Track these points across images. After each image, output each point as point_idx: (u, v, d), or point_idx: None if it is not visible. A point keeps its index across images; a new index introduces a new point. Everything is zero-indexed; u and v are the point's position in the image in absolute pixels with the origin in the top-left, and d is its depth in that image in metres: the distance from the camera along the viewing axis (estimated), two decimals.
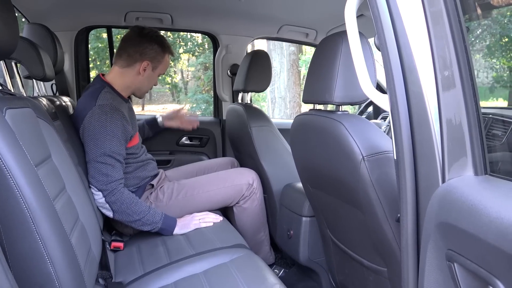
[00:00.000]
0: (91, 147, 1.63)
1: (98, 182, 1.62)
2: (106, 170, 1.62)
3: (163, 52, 1.85)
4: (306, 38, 2.75)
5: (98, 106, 1.65)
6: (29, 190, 0.94)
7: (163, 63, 1.88)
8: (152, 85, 1.93)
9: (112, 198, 1.62)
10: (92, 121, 1.63)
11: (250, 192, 1.97)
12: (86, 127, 1.64)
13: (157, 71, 1.88)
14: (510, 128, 1.65)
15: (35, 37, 1.92)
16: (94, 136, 1.62)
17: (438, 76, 0.76)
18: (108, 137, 1.62)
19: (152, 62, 1.83)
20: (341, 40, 1.22)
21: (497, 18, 2.11)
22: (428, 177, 0.78)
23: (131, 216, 1.64)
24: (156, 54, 1.83)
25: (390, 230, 1.15)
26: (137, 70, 1.81)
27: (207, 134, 2.82)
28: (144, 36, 1.81)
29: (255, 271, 1.36)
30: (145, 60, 1.81)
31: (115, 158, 1.64)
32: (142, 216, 1.64)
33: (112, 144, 1.63)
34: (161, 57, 1.86)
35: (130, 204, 1.64)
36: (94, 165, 1.62)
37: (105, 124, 1.63)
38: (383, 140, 1.18)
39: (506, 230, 0.57)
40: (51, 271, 0.97)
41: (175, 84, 11.31)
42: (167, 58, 1.89)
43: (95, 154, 1.62)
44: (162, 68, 1.89)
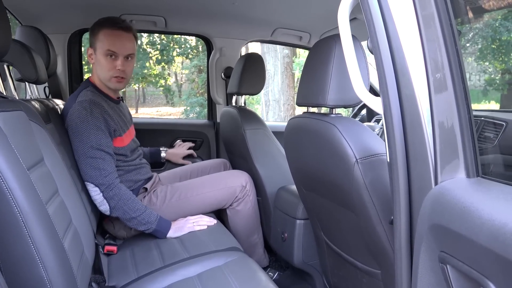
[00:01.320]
0: (77, 143, 1.62)
1: (92, 178, 1.61)
2: (97, 164, 1.61)
3: (97, 29, 1.74)
4: (300, 41, 2.76)
5: (77, 102, 1.66)
6: (21, 194, 0.93)
7: (99, 39, 1.73)
8: (106, 68, 1.75)
9: (110, 193, 1.62)
10: (73, 117, 1.63)
11: (244, 194, 1.96)
12: (69, 125, 1.64)
13: (99, 51, 1.74)
14: (501, 130, 1.66)
15: (27, 39, 1.91)
16: (77, 131, 1.62)
17: (430, 79, 0.76)
18: (92, 131, 1.62)
19: (92, 45, 1.77)
20: (335, 43, 1.22)
21: (488, 22, 2.13)
22: (421, 180, 0.79)
23: (128, 214, 1.63)
24: (92, 35, 1.76)
25: (384, 232, 1.15)
26: (90, 61, 1.80)
27: (201, 137, 2.82)
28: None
29: (249, 274, 1.36)
30: (88, 48, 1.79)
31: (104, 151, 1.64)
32: (138, 214, 1.64)
33: (98, 137, 1.63)
34: (95, 35, 1.74)
35: (128, 201, 1.63)
36: (84, 161, 1.62)
37: (86, 118, 1.62)
38: (377, 143, 1.19)
39: (498, 231, 0.58)
40: (44, 275, 0.96)
41: (169, 87, 11.30)
42: (104, 32, 1.73)
43: (82, 149, 1.61)
44: (101, 45, 1.73)
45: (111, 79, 1.77)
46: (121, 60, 1.75)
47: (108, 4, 2.26)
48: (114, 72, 1.75)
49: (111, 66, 1.74)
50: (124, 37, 1.75)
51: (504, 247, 0.56)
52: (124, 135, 1.81)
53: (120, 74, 1.77)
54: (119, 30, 1.74)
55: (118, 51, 1.74)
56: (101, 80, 1.80)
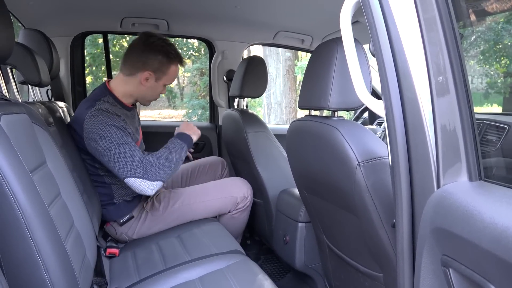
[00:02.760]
0: (103, 145, 1.59)
1: (130, 171, 1.58)
2: (128, 156, 1.58)
3: (168, 62, 1.77)
4: (302, 44, 2.76)
5: (95, 109, 1.64)
6: (24, 196, 0.93)
7: (168, 74, 1.79)
8: (157, 94, 1.85)
9: (152, 174, 1.59)
10: (92, 122, 1.61)
11: (244, 204, 1.99)
12: (88, 130, 1.61)
13: (162, 81, 1.80)
14: (504, 133, 1.66)
15: (30, 42, 1.92)
16: (100, 135, 1.59)
17: (432, 82, 0.76)
18: (113, 130, 1.60)
19: (155, 73, 1.76)
20: (337, 46, 1.22)
21: (490, 25, 2.13)
22: (423, 183, 0.79)
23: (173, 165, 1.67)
24: (160, 65, 1.75)
25: (386, 235, 1.15)
26: (139, 80, 1.76)
27: (202, 139, 2.83)
28: (149, 45, 1.74)
29: (251, 277, 1.36)
30: (147, 71, 1.74)
31: (129, 144, 1.61)
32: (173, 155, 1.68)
33: (120, 134, 1.61)
34: (165, 68, 1.77)
35: (163, 162, 1.64)
36: (116, 160, 1.58)
37: (106, 122, 1.61)
38: (379, 146, 1.19)
39: (500, 235, 0.58)
40: (46, 278, 0.96)
41: (171, 89, 11.31)
42: (173, 68, 1.80)
43: (110, 150, 1.59)
44: (167, 78, 1.81)
45: (150, 100, 1.88)
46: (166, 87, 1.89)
47: (110, 7, 2.27)
48: (158, 96, 1.88)
49: (160, 92, 1.86)
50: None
51: (507, 250, 0.56)
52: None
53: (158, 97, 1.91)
54: (180, 66, 1.86)
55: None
56: (138, 98, 1.83)
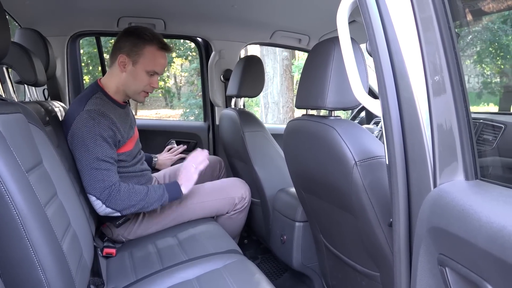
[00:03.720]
0: (83, 153, 1.59)
1: (95, 190, 1.58)
2: (102, 176, 1.59)
3: (142, 43, 1.69)
4: (299, 44, 2.76)
5: (85, 111, 1.61)
6: (20, 196, 0.93)
7: (144, 55, 1.69)
8: (142, 84, 1.74)
9: (112, 202, 1.60)
10: (80, 126, 1.59)
11: (242, 205, 1.98)
12: (74, 133, 1.60)
13: (140, 65, 1.70)
14: (500, 133, 1.67)
15: (27, 42, 1.91)
16: (83, 141, 1.58)
17: (429, 81, 0.77)
18: (98, 142, 1.59)
19: (130, 56, 1.69)
20: (334, 46, 1.22)
21: (487, 25, 2.13)
22: (420, 182, 0.79)
23: (136, 206, 1.63)
24: (132, 45, 1.69)
25: (383, 234, 1.15)
26: (117, 67, 1.72)
27: (194, 138, 2.88)
28: (123, 32, 1.73)
29: (249, 277, 1.36)
30: (121, 54, 1.70)
31: (109, 162, 1.61)
32: (144, 197, 1.64)
33: (104, 148, 1.60)
34: (138, 49, 1.69)
35: (129, 197, 1.61)
36: (89, 172, 1.58)
37: (93, 129, 1.58)
38: (375, 145, 1.19)
39: (496, 234, 0.58)
40: (42, 278, 0.96)
41: (168, 89, 11.30)
42: (149, 49, 1.70)
43: (88, 160, 1.58)
44: (145, 62, 1.70)
45: (140, 93, 1.77)
46: (157, 78, 1.78)
47: (107, 7, 2.26)
48: (147, 88, 1.76)
49: (147, 82, 1.75)
50: (166, 59, 1.77)
51: (503, 249, 0.56)
52: (128, 141, 1.77)
53: (151, 91, 1.79)
54: (164, 51, 1.75)
55: (160, 72, 1.75)
56: (126, 91, 1.77)
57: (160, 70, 1.75)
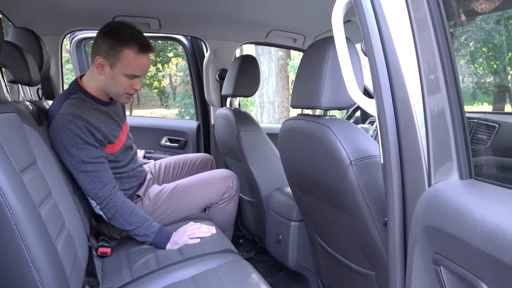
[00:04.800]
0: (67, 158, 1.54)
1: (89, 191, 1.58)
2: (91, 178, 1.56)
3: (119, 45, 1.57)
4: (294, 43, 2.77)
5: (60, 115, 1.54)
6: (14, 196, 0.92)
7: (121, 59, 1.58)
8: (122, 86, 1.64)
9: (106, 206, 1.59)
10: (57, 131, 1.53)
11: (230, 194, 1.98)
12: (53, 138, 1.54)
13: (118, 69, 1.60)
14: (494, 132, 1.67)
15: (20, 41, 1.89)
16: (64, 147, 1.53)
17: (424, 81, 0.77)
18: (79, 145, 1.53)
19: (107, 58, 1.59)
20: (329, 45, 1.23)
21: (481, 25, 2.15)
22: (415, 181, 0.79)
23: (124, 226, 1.61)
24: (108, 48, 1.58)
25: (378, 234, 1.16)
26: (96, 69, 1.63)
27: (184, 137, 2.92)
28: (101, 30, 1.63)
29: (244, 276, 1.35)
30: (98, 56, 1.60)
31: (96, 163, 1.57)
32: (134, 227, 1.60)
33: (87, 151, 1.55)
34: (115, 52, 1.58)
35: (123, 214, 1.59)
36: (78, 175, 1.56)
37: (72, 134, 1.52)
38: (370, 145, 1.19)
39: (490, 233, 0.58)
40: (36, 279, 0.95)
41: (163, 89, 11.27)
42: (127, 52, 1.58)
43: (73, 164, 1.54)
44: (124, 66, 1.60)
45: (123, 95, 1.69)
46: (139, 79, 1.68)
47: (101, 6, 2.25)
48: (129, 90, 1.67)
49: (128, 85, 1.65)
50: (148, 59, 1.66)
51: (497, 248, 0.56)
52: (116, 141, 1.72)
53: (133, 92, 1.70)
54: (145, 53, 1.62)
55: (141, 74, 1.66)
56: (107, 92, 1.69)
57: (141, 72, 1.65)
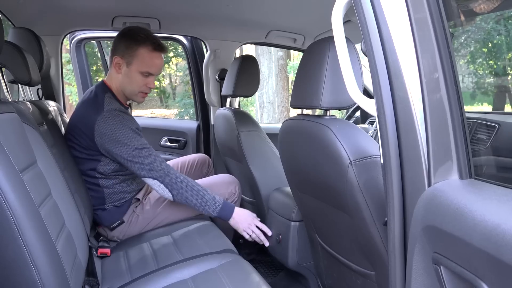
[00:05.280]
0: (120, 149, 1.63)
1: (148, 174, 1.65)
2: (148, 161, 1.65)
3: (135, 44, 1.69)
4: (294, 43, 2.77)
5: (107, 110, 1.65)
6: (14, 196, 0.92)
7: (137, 57, 1.70)
8: (138, 85, 1.75)
9: (170, 182, 1.66)
10: (107, 125, 1.62)
11: (232, 200, 1.99)
12: (103, 133, 1.62)
13: (134, 67, 1.71)
14: (494, 132, 1.68)
15: (20, 41, 1.90)
16: (116, 139, 1.62)
17: (423, 81, 0.77)
18: (130, 134, 1.64)
19: (124, 57, 1.71)
20: (328, 46, 1.23)
21: (480, 25, 2.15)
22: (415, 181, 0.79)
23: (190, 200, 1.70)
24: (125, 47, 1.70)
25: (378, 234, 1.16)
26: (113, 69, 1.75)
27: (184, 137, 2.94)
28: (119, 33, 1.75)
29: (244, 276, 1.35)
30: (115, 56, 1.72)
31: (147, 147, 1.67)
32: (200, 201, 1.70)
33: (137, 138, 1.65)
34: (131, 50, 1.70)
35: (188, 188, 1.68)
36: (134, 164, 1.64)
37: (122, 125, 1.63)
38: (370, 145, 1.19)
39: (490, 232, 0.58)
40: (36, 279, 0.95)
41: (164, 89, 11.26)
42: (143, 51, 1.70)
43: (128, 154, 1.63)
44: (139, 64, 1.71)
45: (138, 94, 1.78)
46: (153, 78, 1.78)
47: (101, 6, 2.25)
48: (144, 88, 1.77)
49: (143, 83, 1.75)
50: (162, 59, 1.77)
51: (497, 248, 0.57)
52: None
53: (148, 91, 1.79)
54: (159, 52, 1.74)
55: (155, 73, 1.76)
56: (124, 92, 1.78)
57: (155, 71, 1.75)
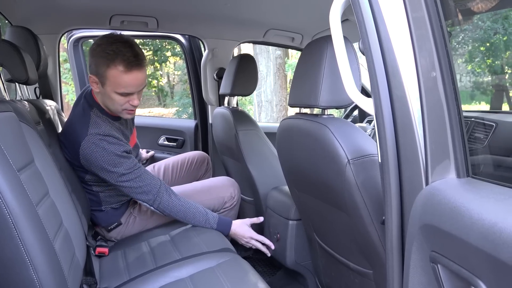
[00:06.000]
0: (106, 174, 1.59)
1: (137, 196, 1.64)
2: (135, 184, 1.62)
3: (104, 65, 1.48)
4: (292, 42, 2.77)
5: (91, 135, 1.56)
6: (11, 196, 0.92)
7: (108, 78, 1.50)
8: (119, 103, 1.57)
9: (159, 206, 1.65)
10: (91, 151, 1.55)
11: (231, 204, 1.98)
12: (87, 158, 1.57)
13: (108, 88, 1.52)
14: (491, 131, 1.68)
15: (18, 40, 1.89)
16: (101, 165, 1.57)
17: (421, 80, 0.77)
18: (116, 160, 1.57)
19: (97, 77, 1.53)
20: (326, 44, 1.23)
21: (478, 24, 2.15)
22: (412, 180, 0.79)
23: (183, 220, 1.71)
24: (95, 66, 1.51)
25: (375, 232, 1.16)
26: (91, 86, 1.61)
27: (182, 136, 2.95)
28: (90, 48, 1.56)
29: (242, 275, 1.36)
30: (90, 74, 1.55)
31: (135, 169, 1.61)
32: (193, 222, 1.71)
33: (123, 163, 1.58)
34: (102, 71, 1.49)
35: (179, 212, 1.68)
36: (121, 186, 1.62)
37: (106, 151, 1.56)
38: (368, 144, 1.20)
39: (488, 231, 0.58)
40: (34, 278, 0.95)
41: (162, 88, 11.25)
42: (113, 73, 1.48)
43: (114, 179, 1.60)
44: (112, 85, 1.51)
45: (122, 112, 1.62)
46: (135, 95, 1.57)
47: (99, 5, 2.24)
48: (127, 106, 1.59)
49: (124, 101, 1.57)
50: (139, 74, 1.53)
51: (494, 246, 0.57)
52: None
53: (133, 108, 1.61)
54: (132, 70, 1.50)
55: (135, 91, 1.55)
56: (108, 109, 1.64)
57: (133, 89, 1.54)
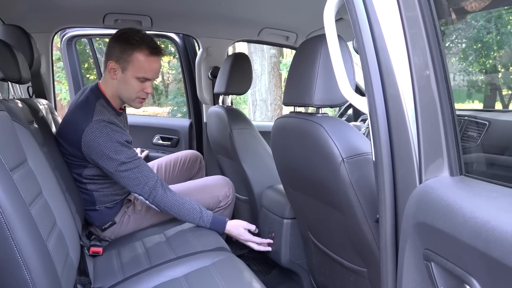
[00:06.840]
0: (106, 162, 1.59)
1: (133, 188, 1.63)
2: (133, 175, 1.62)
3: (130, 49, 1.61)
4: (287, 41, 2.77)
5: (95, 121, 1.59)
6: (4, 195, 0.91)
7: (132, 62, 1.62)
8: (134, 90, 1.67)
9: (155, 200, 1.64)
10: (94, 137, 1.57)
11: (226, 203, 1.98)
12: (89, 144, 1.58)
13: (129, 72, 1.64)
14: (484, 129, 1.69)
15: (10, 38, 1.87)
16: (102, 152, 1.58)
17: (415, 78, 0.77)
18: (117, 148, 1.59)
19: (119, 62, 1.64)
20: (321, 43, 1.23)
21: (471, 23, 2.16)
22: (406, 178, 0.80)
23: (177, 216, 1.69)
24: (120, 52, 1.62)
25: (370, 230, 1.16)
26: (108, 74, 1.67)
27: (176, 135, 2.95)
28: (112, 36, 1.68)
29: (237, 274, 1.36)
30: (110, 60, 1.65)
31: (135, 160, 1.63)
32: (187, 218, 1.70)
33: (124, 152, 1.60)
34: (126, 55, 1.62)
35: (173, 206, 1.66)
36: (119, 177, 1.62)
37: (109, 138, 1.58)
38: (362, 142, 1.20)
39: (480, 229, 0.59)
40: (27, 278, 0.94)
41: (156, 86, 11.22)
42: (138, 55, 1.62)
43: (113, 168, 1.60)
44: (135, 69, 1.63)
45: (135, 100, 1.71)
46: (150, 83, 1.70)
47: (92, 2, 2.23)
48: (141, 94, 1.70)
49: (140, 89, 1.68)
50: (159, 63, 1.69)
51: (487, 244, 0.57)
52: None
53: (145, 96, 1.72)
54: (156, 56, 1.66)
55: (152, 78, 1.69)
56: (120, 97, 1.72)
57: (152, 75, 1.68)
